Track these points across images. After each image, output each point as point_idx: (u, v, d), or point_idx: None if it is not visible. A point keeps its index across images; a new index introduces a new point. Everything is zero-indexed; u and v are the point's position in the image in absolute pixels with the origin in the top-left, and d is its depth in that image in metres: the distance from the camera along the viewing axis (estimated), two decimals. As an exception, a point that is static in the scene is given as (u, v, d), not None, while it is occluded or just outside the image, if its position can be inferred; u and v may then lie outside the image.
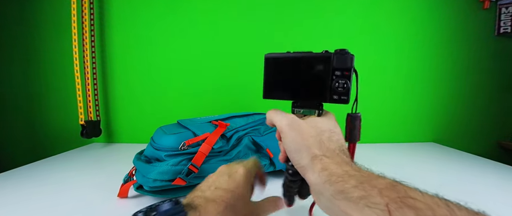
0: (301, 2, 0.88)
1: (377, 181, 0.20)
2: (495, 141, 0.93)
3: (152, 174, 0.42)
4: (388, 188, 0.19)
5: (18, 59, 0.93)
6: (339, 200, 0.20)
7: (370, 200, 0.18)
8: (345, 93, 0.27)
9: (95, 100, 0.89)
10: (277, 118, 0.29)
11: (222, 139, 0.49)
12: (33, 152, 0.96)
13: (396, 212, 0.17)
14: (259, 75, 0.32)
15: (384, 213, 0.17)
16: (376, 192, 0.18)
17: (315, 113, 0.30)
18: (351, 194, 0.19)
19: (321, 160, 0.24)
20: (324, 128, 0.27)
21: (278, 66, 0.30)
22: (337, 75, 0.27)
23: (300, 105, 0.30)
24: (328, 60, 0.27)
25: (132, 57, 0.91)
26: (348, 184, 0.20)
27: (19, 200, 0.47)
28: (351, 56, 0.26)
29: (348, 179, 0.21)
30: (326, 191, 0.22)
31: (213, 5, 0.88)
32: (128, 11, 0.89)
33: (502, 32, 0.87)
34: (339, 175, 0.22)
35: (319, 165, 0.23)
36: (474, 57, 0.90)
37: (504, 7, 0.86)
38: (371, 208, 0.18)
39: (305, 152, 0.25)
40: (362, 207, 0.18)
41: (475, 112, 0.92)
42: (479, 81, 0.91)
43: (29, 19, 0.91)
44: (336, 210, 0.21)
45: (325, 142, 0.26)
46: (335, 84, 0.27)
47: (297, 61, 0.28)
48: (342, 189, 0.20)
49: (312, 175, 0.24)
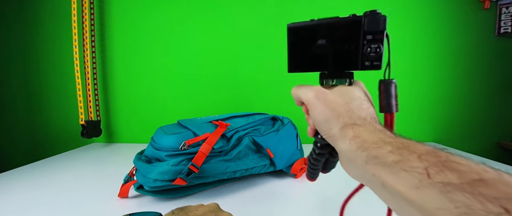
0: (302, 3, 0.88)
1: (415, 147, 0.18)
2: (496, 141, 0.93)
3: (152, 174, 0.42)
4: (428, 153, 0.17)
5: (18, 59, 0.93)
6: (373, 165, 0.19)
7: (407, 164, 0.17)
8: (378, 58, 0.25)
9: (95, 100, 0.89)
10: (302, 91, 0.27)
11: (222, 139, 0.49)
12: (33, 152, 0.96)
13: (436, 176, 0.15)
14: (260, 75, 0.32)
15: (423, 176, 0.16)
16: (414, 156, 0.17)
17: (346, 82, 0.28)
18: (386, 159, 0.18)
19: (352, 128, 0.23)
20: (353, 96, 0.26)
21: (303, 36, 0.27)
22: (368, 39, 0.25)
23: (329, 75, 0.28)
24: (358, 24, 0.25)
25: (132, 57, 0.91)
26: (383, 150, 0.19)
27: (19, 200, 0.47)
28: (384, 17, 0.24)
29: (383, 145, 0.19)
30: (358, 158, 0.21)
31: (213, 5, 0.88)
32: (128, 11, 0.89)
33: (502, 32, 0.87)
34: (373, 142, 0.20)
35: (351, 133, 0.22)
36: (474, 57, 0.90)
37: (504, 7, 0.86)
38: (408, 172, 0.16)
39: (335, 121, 0.24)
40: (398, 170, 0.17)
41: (476, 112, 0.92)
42: (480, 81, 0.91)
43: (29, 19, 0.91)
44: (368, 176, 0.20)
45: (355, 111, 0.24)
46: (367, 49, 0.25)
47: (324, 28, 0.26)
48: (375, 154, 0.19)
49: (343, 143, 0.23)
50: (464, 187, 0.14)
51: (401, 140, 0.20)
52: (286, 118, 0.62)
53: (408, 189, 0.16)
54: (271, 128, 0.57)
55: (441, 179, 0.15)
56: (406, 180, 0.16)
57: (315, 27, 0.26)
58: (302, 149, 0.60)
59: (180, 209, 0.29)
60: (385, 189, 0.18)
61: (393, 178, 0.17)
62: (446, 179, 0.15)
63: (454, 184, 0.14)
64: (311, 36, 0.27)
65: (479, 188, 0.13)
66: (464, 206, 0.13)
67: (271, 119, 0.61)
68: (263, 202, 0.45)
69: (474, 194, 0.13)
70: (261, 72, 0.90)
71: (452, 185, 0.14)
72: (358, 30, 0.25)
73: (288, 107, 0.90)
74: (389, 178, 0.18)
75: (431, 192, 0.15)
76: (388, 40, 0.25)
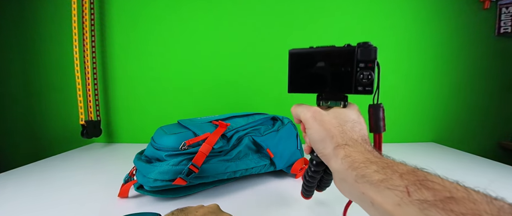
0: (302, 2, 0.88)
1: (398, 167, 0.21)
2: (496, 141, 0.93)
3: (152, 174, 0.42)
4: (408, 172, 0.19)
5: (18, 59, 0.93)
6: (361, 183, 0.21)
7: (390, 182, 0.19)
8: (369, 84, 0.28)
9: (95, 100, 0.89)
10: (301, 110, 0.30)
11: (222, 139, 0.49)
12: (33, 152, 0.96)
13: (415, 193, 0.17)
14: (260, 75, 0.33)
15: (403, 194, 0.18)
16: (397, 176, 0.19)
17: (341, 105, 0.31)
18: (372, 178, 0.20)
19: (344, 148, 0.25)
20: (347, 118, 0.28)
21: (303, 61, 0.30)
22: (361, 67, 0.28)
23: (326, 97, 0.31)
24: (352, 53, 0.28)
25: (133, 57, 0.91)
26: (370, 169, 0.21)
27: (20, 200, 0.47)
28: (374, 48, 0.27)
29: (369, 165, 0.22)
30: (349, 177, 0.23)
31: (213, 5, 0.88)
32: (128, 11, 0.89)
33: (502, 32, 0.87)
34: (361, 161, 0.22)
35: (342, 153, 0.24)
36: (474, 57, 0.90)
37: (504, 7, 0.86)
38: (391, 189, 0.19)
39: (329, 141, 0.26)
40: (383, 189, 0.19)
41: (475, 112, 0.92)
42: (480, 81, 0.91)
43: (30, 19, 0.91)
44: (358, 194, 0.22)
45: (348, 132, 0.27)
46: (360, 76, 0.28)
47: (321, 56, 0.29)
48: (363, 174, 0.21)
49: (335, 162, 0.25)
50: (437, 204, 0.16)
51: (385, 160, 0.22)
52: (286, 118, 0.62)
53: (392, 206, 0.18)
54: (271, 128, 0.57)
55: (418, 197, 0.17)
56: (390, 197, 0.18)
57: (314, 54, 0.30)
58: (302, 149, 0.60)
59: (180, 210, 0.29)
60: (373, 206, 0.20)
61: (379, 196, 0.19)
62: (423, 197, 0.17)
63: (429, 201, 0.16)
64: (309, 62, 0.30)
65: (450, 205, 0.15)
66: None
67: (271, 119, 0.61)
68: (263, 202, 0.45)
69: (445, 210, 0.15)
70: (261, 72, 0.90)
71: (427, 203, 0.16)
72: (352, 59, 0.28)
73: (288, 107, 0.89)
74: (376, 196, 0.20)
75: (411, 209, 0.17)
76: (378, 68, 0.28)
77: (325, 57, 0.29)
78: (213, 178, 0.47)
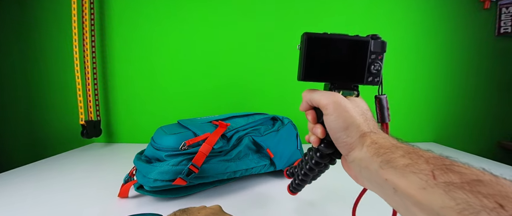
0: (301, 3, 0.88)
1: (422, 152, 0.20)
2: (495, 141, 0.93)
3: (152, 174, 0.42)
4: (434, 158, 0.19)
5: (18, 59, 0.93)
6: (385, 169, 0.21)
7: (415, 167, 0.19)
8: (377, 75, 0.29)
9: (95, 100, 0.89)
10: (319, 96, 0.28)
11: (222, 139, 0.49)
12: (33, 152, 0.96)
13: (440, 176, 0.17)
14: (260, 75, 0.32)
15: (428, 177, 0.17)
16: (422, 160, 0.19)
17: (354, 94, 0.30)
18: (397, 163, 0.20)
19: (370, 136, 0.25)
20: (365, 107, 0.28)
21: (321, 47, 0.29)
22: (373, 58, 0.28)
23: (339, 86, 0.30)
24: (367, 44, 0.28)
25: (133, 57, 0.91)
26: (395, 154, 0.21)
27: (19, 200, 0.47)
28: (385, 41, 0.28)
29: (395, 150, 0.21)
30: (373, 164, 0.22)
31: (213, 5, 0.88)
32: (128, 11, 0.89)
33: (502, 32, 0.87)
34: (387, 147, 0.22)
35: (368, 140, 0.24)
36: (474, 57, 0.90)
37: (504, 7, 0.86)
38: (416, 173, 0.18)
39: (355, 129, 0.25)
40: (408, 173, 0.19)
41: (476, 112, 0.92)
42: (479, 81, 0.91)
43: (30, 19, 0.91)
44: (380, 182, 0.21)
45: (369, 120, 0.27)
46: (371, 67, 0.28)
47: (339, 43, 0.28)
48: (389, 159, 0.21)
49: (360, 150, 0.24)
50: (464, 186, 0.15)
51: (410, 146, 0.22)
52: (286, 118, 0.62)
53: (416, 190, 0.17)
54: (271, 128, 0.57)
55: (444, 180, 0.16)
56: (415, 182, 0.18)
57: (333, 40, 0.29)
58: (302, 149, 0.60)
59: (182, 211, 0.29)
60: (396, 193, 0.19)
61: (403, 181, 0.19)
62: (449, 179, 0.16)
63: (455, 184, 0.16)
64: (327, 48, 0.29)
65: (477, 187, 0.15)
66: (464, 202, 0.15)
67: (271, 119, 0.61)
68: (263, 202, 0.45)
69: (473, 192, 0.15)
70: (261, 72, 0.90)
71: (454, 185, 0.16)
72: (366, 49, 0.28)
73: (288, 107, 0.90)
74: (399, 181, 0.19)
75: (436, 192, 0.16)
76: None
77: (342, 45, 0.28)
78: (213, 178, 0.47)
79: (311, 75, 0.29)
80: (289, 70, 0.87)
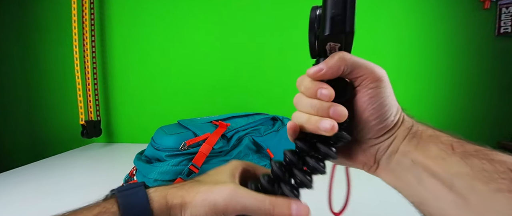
0: (302, 3, 0.88)
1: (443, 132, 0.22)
2: (495, 141, 0.93)
3: (152, 174, 0.42)
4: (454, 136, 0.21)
5: (19, 59, 0.93)
6: (410, 141, 0.22)
7: (438, 139, 0.21)
8: None
9: (95, 100, 0.89)
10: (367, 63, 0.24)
11: (222, 139, 0.49)
12: (33, 152, 0.96)
13: (458, 148, 0.19)
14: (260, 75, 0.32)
15: (447, 147, 0.20)
16: (444, 136, 0.21)
17: None
18: (423, 134, 0.22)
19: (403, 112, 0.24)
20: None
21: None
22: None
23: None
24: None
25: (133, 57, 0.91)
26: (421, 130, 0.22)
27: (19, 200, 0.47)
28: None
29: (422, 128, 0.23)
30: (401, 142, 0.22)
31: (213, 5, 0.88)
32: (128, 11, 0.89)
33: (502, 32, 0.87)
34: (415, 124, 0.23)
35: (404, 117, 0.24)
36: (474, 57, 0.90)
37: (504, 7, 0.86)
38: (436, 144, 0.20)
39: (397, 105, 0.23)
40: (427, 143, 0.21)
41: (475, 112, 0.92)
42: (479, 81, 0.91)
43: (30, 19, 0.91)
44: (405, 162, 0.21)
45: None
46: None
47: None
48: (414, 135, 0.22)
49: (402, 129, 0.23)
50: (479, 155, 0.18)
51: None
52: (286, 118, 0.62)
53: (435, 160, 0.19)
54: (271, 128, 0.57)
55: (461, 149, 0.19)
56: (435, 153, 0.20)
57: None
58: (302, 149, 0.60)
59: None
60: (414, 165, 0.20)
61: (423, 153, 0.20)
62: (465, 149, 0.19)
63: (470, 152, 0.18)
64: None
65: (490, 156, 0.18)
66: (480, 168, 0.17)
67: (271, 119, 0.61)
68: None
69: (487, 159, 0.17)
70: (261, 72, 0.90)
71: (468, 153, 0.18)
72: None
73: (288, 107, 0.90)
74: (419, 154, 0.20)
75: (453, 159, 0.18)
76: None
77: None
78: (213, 178, 0.47)
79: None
80: (289, 70, 0.87)
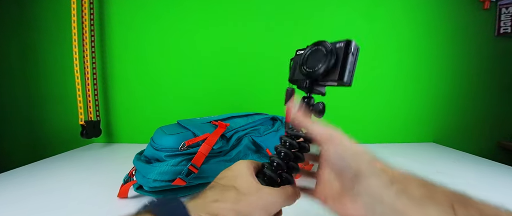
0: (301, 3, 0.88)
1: (438, 185, 0.20)
2: (495, 141, 0.93)
3: (152, 174, 0.42)
4: (450, 190, 0.19)
5: (18, 59, 0.93)
6: (401, 199, 0.19)
7: (434, 199, 0.18)
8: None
9: (95, 100, 0.89)
10: (319, 125, 0.25)
11: (222, 140, 0.49)
12: (33, 152, 0.96)
13: (460, 210, 0.17)
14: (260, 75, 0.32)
15: (450, 210, 0.17)
16: (439, 193, 0.19)
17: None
18: (414, 193, 0.19)
19: (378, 161, 0.22)
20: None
21: None
22: None
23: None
24: None
25: (132, 57, 0.91)
26: (411, 185, 0.20)
27: (19, 200, 0.47)
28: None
29: (410, 179, 0.20)
30: (389, 192, 0.20)
31: (213, 6, 0.88)
32: (128, 11, 0.89)
33: (502, 32, 0.87)
34: (400, 174, 0.21)
35: (379, 165, 0.22)
36: (474, 57, 0.90)
37: (504, 7, 0.86)
38: (436, 205, 0.18)
39: (365, 154, 0.23)
40: (426, 205, 0.18)
41: (475, 112, 0.92)
42: (479, 81, 0.91)
43: (29, 19, 0.91)
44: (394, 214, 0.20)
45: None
46: None
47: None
48: (404, 189, 0.20)
49: (372, 178, 0.21)
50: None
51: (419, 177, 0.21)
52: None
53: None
54: (271, 128, 0.57)
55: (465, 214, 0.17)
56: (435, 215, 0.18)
57: None
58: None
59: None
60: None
61: (421, 213, 0.18)
62: (469, 214, 0.17)
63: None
64: None
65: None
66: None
67: (271, 119, 0.61)
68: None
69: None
70: (260, 72, 0.90)
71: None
72: None
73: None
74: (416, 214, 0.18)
75: None
76: None
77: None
78: (213, 178, 0.46)
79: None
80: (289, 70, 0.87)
